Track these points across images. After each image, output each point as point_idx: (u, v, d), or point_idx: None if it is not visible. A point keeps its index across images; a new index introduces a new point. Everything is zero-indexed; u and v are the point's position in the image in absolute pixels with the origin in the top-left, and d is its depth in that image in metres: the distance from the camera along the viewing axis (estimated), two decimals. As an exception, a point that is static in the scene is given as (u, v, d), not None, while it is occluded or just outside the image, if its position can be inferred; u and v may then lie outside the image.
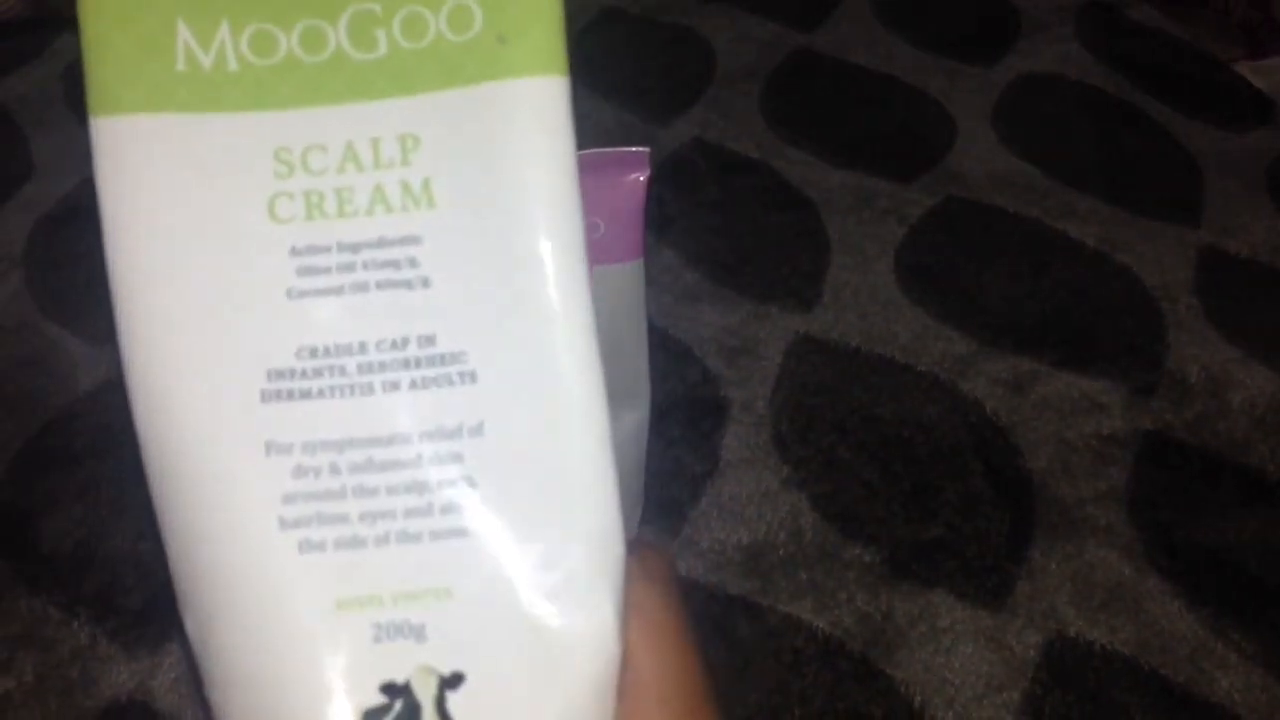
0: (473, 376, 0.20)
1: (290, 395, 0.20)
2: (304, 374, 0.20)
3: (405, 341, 0.20)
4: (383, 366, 0.20)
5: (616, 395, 0.21)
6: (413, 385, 0.20)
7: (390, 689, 0.19)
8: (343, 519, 0.19)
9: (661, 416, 0.50)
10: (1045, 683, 0.43)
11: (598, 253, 0.38)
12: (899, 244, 0.60)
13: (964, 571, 0.46)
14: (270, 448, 0.19)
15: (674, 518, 0.47)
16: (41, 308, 0.55)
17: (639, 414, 0.43)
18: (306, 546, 0.19)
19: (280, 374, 0.20)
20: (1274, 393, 0.53)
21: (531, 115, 0.21)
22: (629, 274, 0.39)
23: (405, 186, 0.20)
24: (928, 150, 0.66)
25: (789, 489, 0.48)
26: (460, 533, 0.19)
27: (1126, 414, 0.52)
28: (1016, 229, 0.61)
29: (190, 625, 0.20)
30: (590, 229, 0.37)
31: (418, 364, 0.20)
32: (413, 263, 0.20)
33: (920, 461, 0.50)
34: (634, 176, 0.36)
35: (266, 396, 0.20)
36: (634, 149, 0.37)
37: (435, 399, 0.20)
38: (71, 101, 0.67)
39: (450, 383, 0.20)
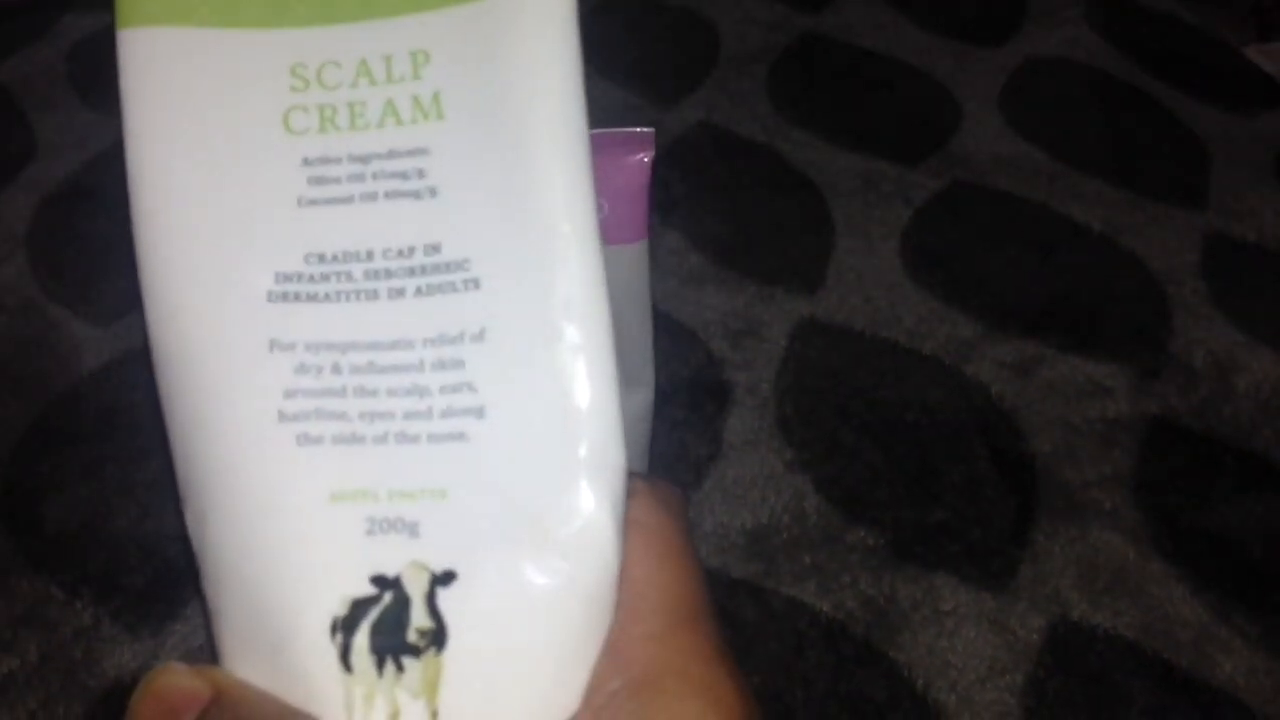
0: (476, 284, 0.20)
1: (297, 297, 0.20)
2: (311, 278, 0.20)
3: (411, 250, 0.20)
4: (389, 273, 0.20)
5: (620, 378, 0.21)
6: (418, 292, 0.20)
7: (380, 581, 0.19)
8: (342, 416, 0.20)
9: (665, 399, 0.50)
10: (1048, 666, 0.43)
11: (603, 234, 0.38)
12: (904, 227, 0.60)
13: (967, 555, 0.46)
14: (274, 345, 0.20)
15: (677, 500, 0.47)
16: (45, 288, 0.55)
17: (643, 396, 0.43)
18: (304, 440, 0.19)
19: (287, 277, 0.20)
20: (1279, 377, 0.53)
21: (537, 24, 0.21)
22: (634, 255, 0.39)
23: (415, 100, 0.21)
24: (934, 133, 0.66)
25: (793, 472, 0.48)
26: (459, 437, 0.20)
27: (1131, 398, 0.52)
28: (1022, 212, 0.61)
29: (190, 519, 0.20)
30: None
31: (423, 271, 0.20)
32: (421, 174, 0.21)
33: (924, 445, 0.50)
34: (639, 157, 0.36)
35: (273, 297, 0.20)
36: (638, 129, 0.37)
37: (439, 306, 0.20)
38: (75, 82, 0.67)
39: (454, 290, 0.20)
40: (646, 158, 0.36)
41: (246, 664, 0.20)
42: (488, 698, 0.19)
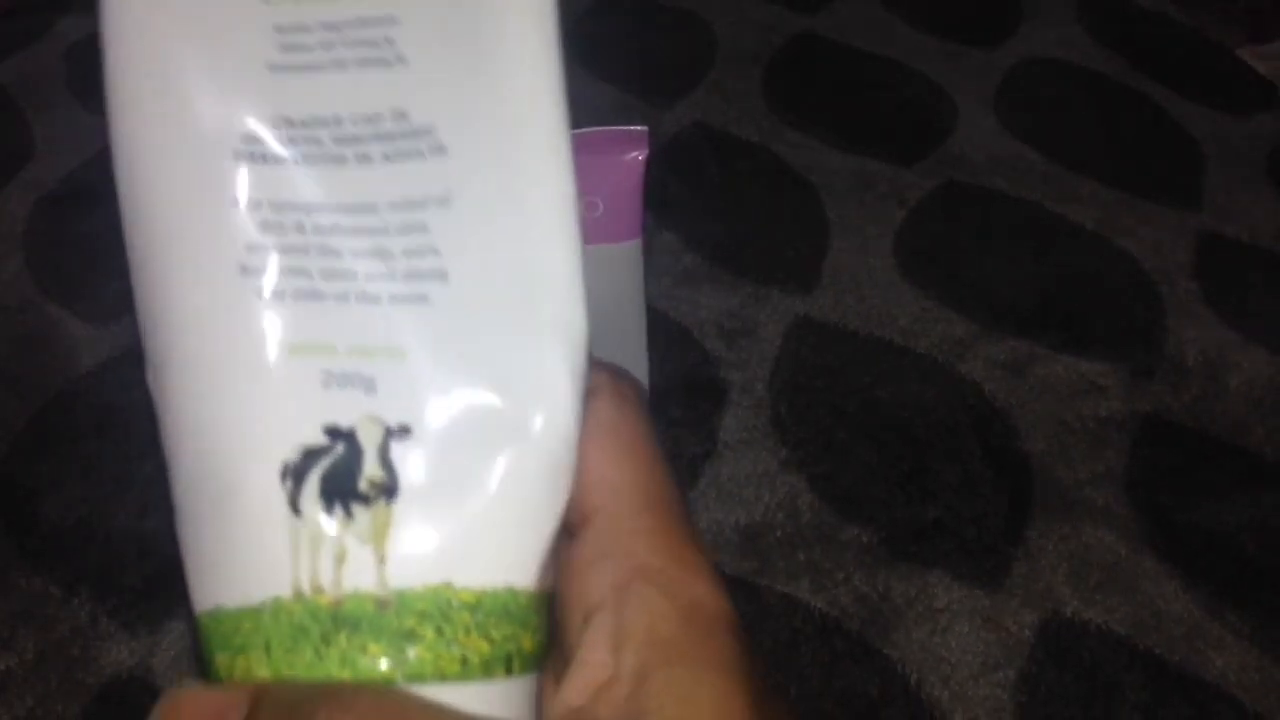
0: (442, 150, 0.20)
1: (264, 159, 0.20)
2: (279, 141, 0.20)
3: (379, 116, 0.20)
4: (356, 139, 0.20)
5: None
6: (385, 158, 0.20)
7: (334, 431, 0.19)
8: (304, 273, 0.20)
9: (660, 398, 0.50)
10: (1041, 662, 0.43)
11: (596, 232, 0.38)
12: (899, 227, 0.60)
13: (961, 552, 0.46)
14: (239, 202, 0.20)
15: (672, 498, 0.47)
16: (42, 288, 0.55)
17: (637, 394, 0.43)
18: (265, 293, 0.20)
19: (256, 139, 0.20)
20: (1271, 376, 0.53)
21: None
22: (627, 253, 0.39)
23: None
24: (929, 133, 0.66)
25: (787, 470, 0.49)
26: (420, 299, 0.20)
27: (1125, 396, 0.52)
28: (1016, 212, 0.61)
29: (149, 373, 0.20)
30: (589, 208, 0.37)
31: (390, 137, 0.20)
32: (389, 41, 0.21)
33: (918, 443, 0.50)
34: (633, 155, 0.37)
35: (240, 157, 0.20)
36: (633, 128, 0.37)
37: (404, 171, 0.20)
38: (73, 83, 0.67)
39: (420, 155, 0.20)
40: (640, 156, 0.37)
41: (197, 512, 0.20)
42: (435, 548, 0.19)
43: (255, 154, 0.20)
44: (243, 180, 0.20)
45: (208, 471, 0.19)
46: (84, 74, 0.66)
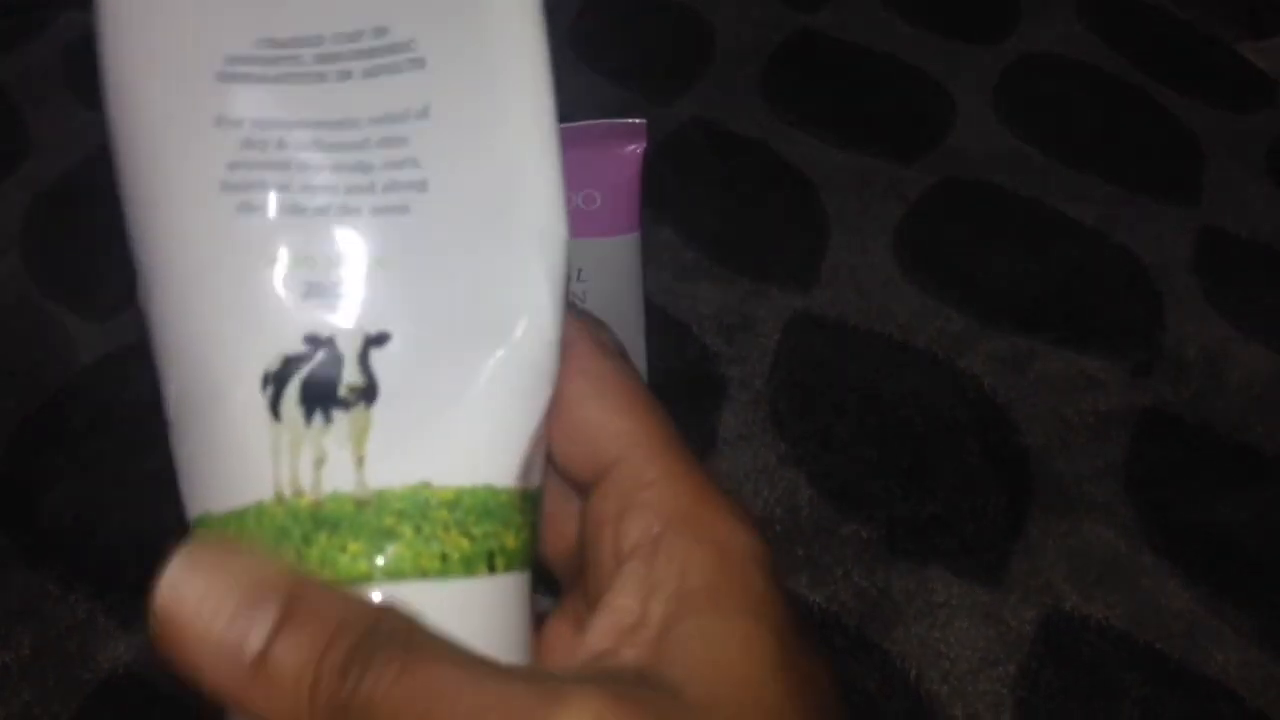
0: (421, 63, 0.21)
1: (246, 78, 0.20)
2: (262, 60, 0.20)
3: (360, 34, 0.21)
4: (337, 57, 0.21)
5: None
6: (365, 74, 0.20)
7: (314, 339, 0.19)
8: (285, 188, 0.20)
9: (659, 393, 0.50)
10: (1041, 657, 0.43)
11: (595, 225, 0.38)
12: (898, 223, 0.60)
13: (961, 547, 0.46)
14: (220, 121, 0.20)
15: (671, 494, 0.47)
16: (40, 285, 0.55)
17: (636, 389, 0.43)
18: (246, 208, 0.20)
19: (238, 59, 0.20)
20: (1271, 371, 0.53)
21: None
22: (626, 247, 0.39)
23: None
24: (928, 130, 0.66)
25: (786, 466, 0.49)
26: (401, 209, 0.20)
27: (1124, 392, 0.52)
28: (1016, 208, 0.61)
29: (140, 296, 0.21)
30: (587, 200, 0.37)
31: (370, 54, 0.21)
32: None
33: (918, 439, 0.50)
34: (631, 148, 0.36)
35: (223, 77, 0.20)
36: (630, 120, 0.37)
37: (384, 85, 0.20)
38: (71, 80, 0.67)
39: (399, 70, 0.21)
40: (639, 149, 0.37)
41: (186, 424, 0.20)
42: (413, 448, 0.19)
43: (238, 75, 0.20)
44: (224, 100, 0.20)
45: (194, 383, 0.20)
46: (82, 71, 0.66)
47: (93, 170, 0.60)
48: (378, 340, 0.20)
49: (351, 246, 0.20)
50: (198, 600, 0.18)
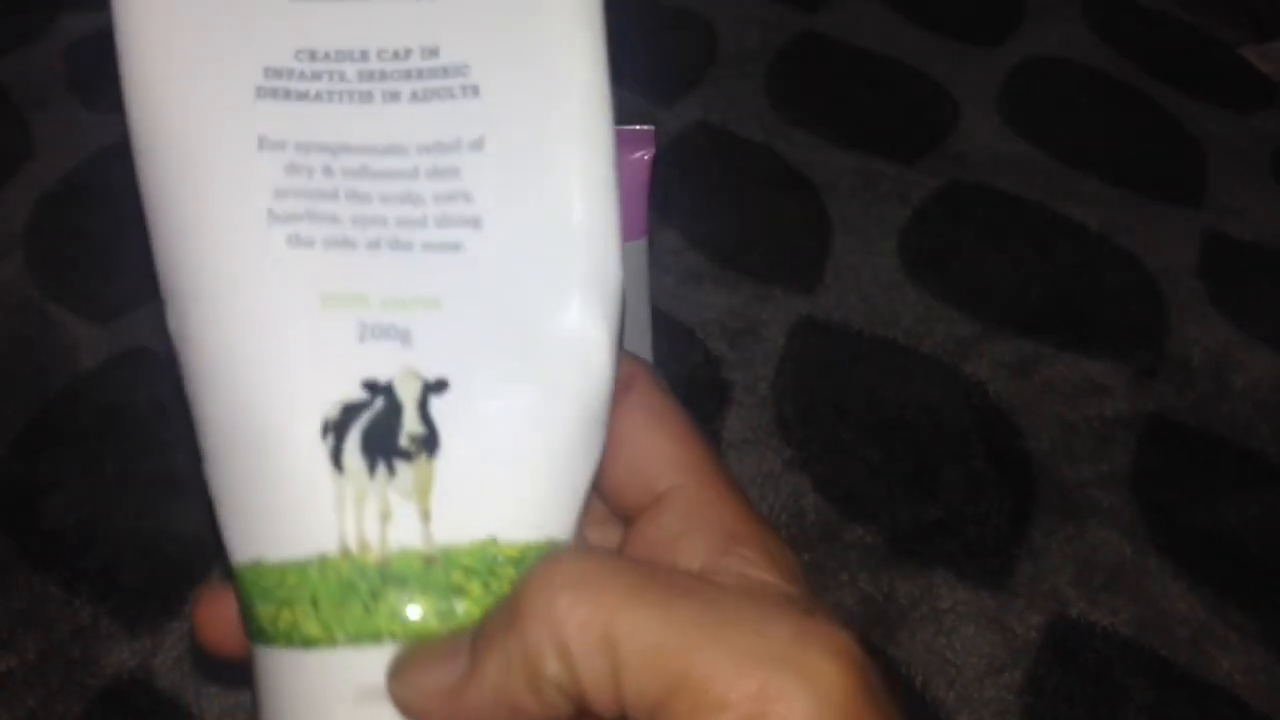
0: (475, 91, 0.20)
1: (287, 94, 0.19)
2: (302, 75, 0.19)
3: (408, 52, 0.20)
4: (384, 75, 0.20)
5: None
6: (414, 96, 0.20)
7: (372, 386, 0.19)
8: (333, 219, 0.19)
9: (664, 397, 0.50)
10: (1047, 663, 0.43)
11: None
12: (902, 226, 0.60)
13: (966, 553, 0.46)
14: (263, 143, 0.19)
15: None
16: (43, 287, 0.55)
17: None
18: (295, 241, 0.19)
19: (277, 73, 0.19)
20: (1276, 375, 0.53)
21: None
22: (632, 254, 0.39)
23: None
24: (931, 132, 0.66)
25: (791, 470, 0.48)
26: (453, 246, 0.19)
27: (1129, 396, 0.52)
28: (1020, 211, 0.61)
29: (171, 318, 0.20)
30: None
31: (420, 75, 0.20)
32: None
33: (922, 443, 0.50)
34: (639, 154, 0.36)
35: (262, 93, 0.19)
36: (639, 127, 0.37)
37: (436, 111, 0.20)
38: (73, 82, 0.67)
39: (452, 96, 0.20)
40: (647, 155, 0.36)
41: (232, 463, 0.19)
42: (479, 503, 0.19)
43: (279, 90, 0.19)
44: (267, 119, 0.19)
45: (243, 423, 0.19)
46: (84, 73, 0.66)
47: (96, 172, 0.60)
48: (436, 387, 0.19)
49: (405, 285, 0.19)
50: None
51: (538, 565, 0.18)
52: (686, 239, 0.58)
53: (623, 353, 0.20)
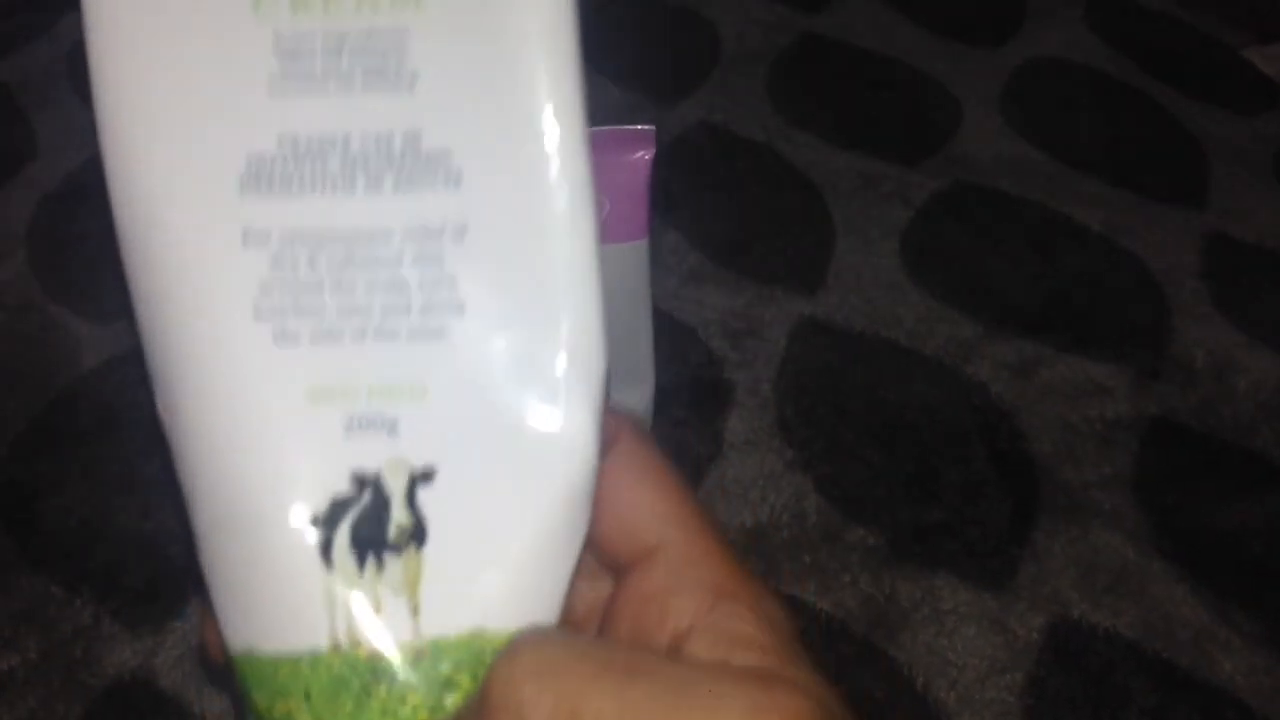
0: (458, 177, 0.20)
1: (270, 184, 0.19)
2: (284, 162, 0.19)
3: (390, 137, 0.20)
4: (366, 161, 0.20)
5: (620, 376, 0.21)
6: (396, 184, 0.20)
7: (360, 479, 0.19)
8: (319, 312, 0.19)
9: (665, 398, 0.50)
10: (1048, 665, 0.43)
11: (602, 232, 0.38)
12: (904, 227, 0.60)
13: (967, 554, 0.46)
14: (248, 236, 0.19)
15: (677, 499, 0.47)
16: (45, 287, 0.55)
17: (643, 395, 0.43)
18: (281, 338, 0.19)
19: (260, 160, 0.19)
20: (1278, 377, 0.53)
21: None
22: (633, 253, 0.39)
23: None
24: (933, 134, 0.66)
25: (793, 471, 0.48)
26: (438, 333, 0.19)
27: (1131, 398, 0.52)
28: (1022, 213, 0.61)
29: (160, 407, 0.20)
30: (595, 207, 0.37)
31: (402, 162, 0.20)
32: (400, 58, 0.20)
33: (924, 445, 0.50)
34: (639, 155, 0.36)
35: (245, 184, 0.19)
36: (639, 127, 0.37)
37: (419, 198, 0.20)
38: (75, 82, 0.67)
39: (435, 183, 0.20)
40: (647, 155, 0.36)
41: (223, 552, 0.19)
42: (466, 594, 0.19)
43: (262, 179, 0.19)
44: (251, 210, 0.19)
45: (233, 514, 0.19)
46: (87, 73, 0.66)
47: (98, 172, 0.60)
48: (424, 477, 0.19)
49: (390, 375, 0.19)
50: None
51: (501, 655, 0.18)
52: (688, 239, 0.58)
53: (607, 409, 0.20)
